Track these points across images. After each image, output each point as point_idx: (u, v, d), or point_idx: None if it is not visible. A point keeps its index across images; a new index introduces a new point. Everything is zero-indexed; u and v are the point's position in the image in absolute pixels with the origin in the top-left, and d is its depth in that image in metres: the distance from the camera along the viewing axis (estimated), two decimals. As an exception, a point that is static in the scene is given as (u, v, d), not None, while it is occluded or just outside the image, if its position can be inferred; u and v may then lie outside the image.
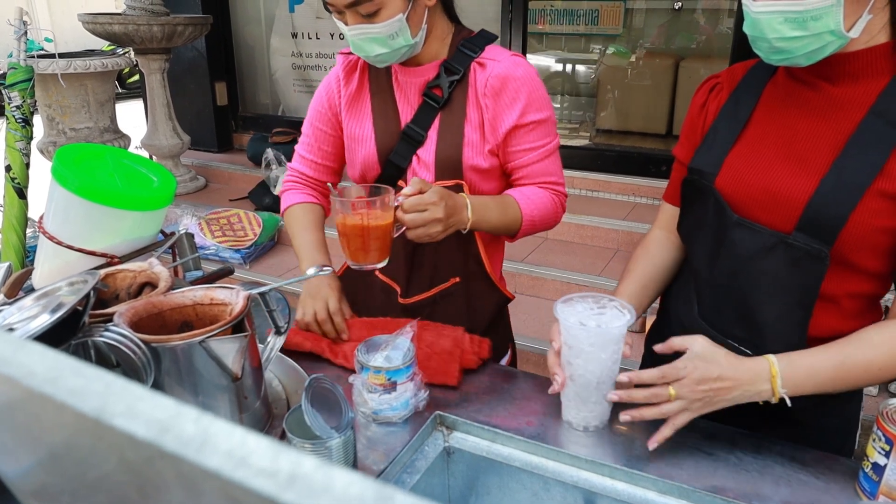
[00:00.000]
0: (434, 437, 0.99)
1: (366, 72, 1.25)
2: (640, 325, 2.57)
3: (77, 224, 1.08)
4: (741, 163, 0.98)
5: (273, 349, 0.99)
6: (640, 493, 0.88)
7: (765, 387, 0.87)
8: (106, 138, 3.84)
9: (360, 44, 1.12)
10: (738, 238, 0.95)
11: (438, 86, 1.19)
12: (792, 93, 0.96)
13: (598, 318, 0.95)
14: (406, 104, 1.22)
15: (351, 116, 1.26)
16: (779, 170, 0.93)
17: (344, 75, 1.26)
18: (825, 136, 0.91)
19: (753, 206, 0.95)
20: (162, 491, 0.27)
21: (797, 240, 0.89)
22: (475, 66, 1.19)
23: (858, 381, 0.89)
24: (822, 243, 0.88)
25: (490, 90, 1.16)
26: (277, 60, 4.78)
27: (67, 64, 3.56)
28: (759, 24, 0.85)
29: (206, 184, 4.35)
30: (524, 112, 1.16)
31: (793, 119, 0.95)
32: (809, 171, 0.90)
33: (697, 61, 4.55)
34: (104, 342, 0.77)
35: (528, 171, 1.21)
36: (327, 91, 1.29)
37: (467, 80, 1.19)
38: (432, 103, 1.19)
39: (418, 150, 1.20)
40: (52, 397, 0.27)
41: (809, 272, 0.90)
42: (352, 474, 0.23)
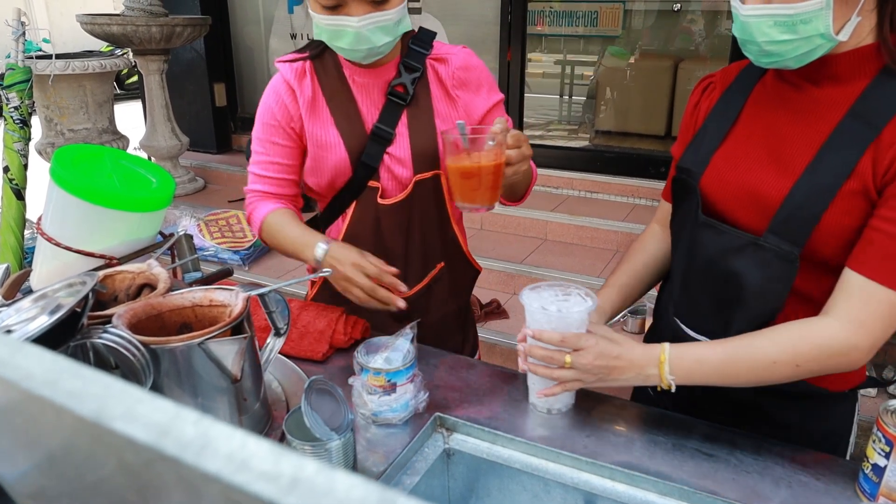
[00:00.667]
0: (434, 438, 0.99)
1: (315, 77, 1.23)
2: (639, 325, 2.57)
3: (75, 225, 1.08)
4: (724, 162, 0.99)
5: (272, 351, 0.99)
6: (641, 494, 0.87)
7: (653, 371, 0.91)
8: (104, 139, 3.83)
9: (367, 35, 1.10)
10: (705, 239, 0.98)
11: (401, 84, 1.21)
12: (778, 93, 0.96)
13: (561, 303, 0.98)
14: (369, 105, 1.23)
15: (313, 124, 1.23)
16: (759, 170, 0.94)
17: (297, 82, 1.22)
18: (805, 137, 0.91)
19: (734, 205, 0.96)
20: (162, 494, 0.27)
21: (767, 241, 0.90)
22: (431, 62, 1.24)
23: (750, 375, 0.89)
24: (792, 245, 0.88)
25: (458, 81, 1.24)
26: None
27: (66, 65, 3.56)
28: (749, 28, 0.86)
29: (204, 185, 4.35)
30: (489, 94, 1.26)
31: (776, 119, 0.95)
32: (787, 173, 0.91)
33: (696, 63, 4.56)
34: (103, 344, 0.76)
35: None
36: (277, 102, 1.23)
37: (426, 76, 1.24)
38: (398, 101, 1.21)
39: (388, 148, 1.21)
40: (51, 400, 0.27)
41: (779, 273, 0.90)
42: (354, 478, 0.22)
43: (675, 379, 0.90)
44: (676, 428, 0.98)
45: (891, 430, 0.80)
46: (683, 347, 0.92)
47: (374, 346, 1.01)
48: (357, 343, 1.21)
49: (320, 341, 1.17)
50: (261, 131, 1.27)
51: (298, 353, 1.15)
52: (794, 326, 0.89)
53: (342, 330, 1.19)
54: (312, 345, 1.16)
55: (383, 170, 1.22)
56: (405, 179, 1.23)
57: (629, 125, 4.71)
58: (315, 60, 1.24)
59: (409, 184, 1.22)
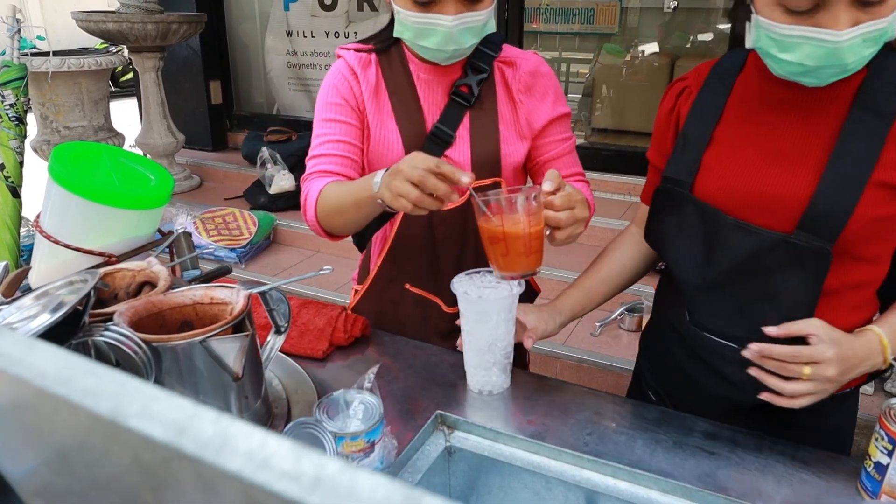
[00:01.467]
0: (435, 436, 0.98)
1: (379, 68, 1.19)
2: (636, 323, 2.57)
3: (74, 223, 1.07)
4: (721, 166, 0.97)
5: (273, 349, 0.99)
6: (643, 492, 0.87)
7: (878, 359, 0.90)
8: (100, 136, 3.81)
9: (457, 36, 1.06)
10: (734, 240, 0.94)
11: (466, 84, 1.17)
12: (767, 92, 0.95)
13: (486, 290, 1.00)
14: (431, 103, 1.18)
15: (374, 114, 1.18)
16: (768, 171, 0.93)
17: (361, 69, 1.18)
18: (810, 133, 0.91)
19: (744, 209, 0.94)
20: (177, 493, 0.27)
21: (799, 238, 0.89)
22: (499, 64, 1.20)
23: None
24: (824, 240, 0.88)
25: (524, 86, 1.19)
26: (272, 59, 4.76)
27: (61, 62, 3.53)
28: (841, 53, 0.79)
29: (200, 183, 4.33)
30: (555, 105, 1.21)
31: (772, 118, 0.94)
32: (802, 170, 0.91)
33: (693, 60, 4.55)
34: (104, 342, 0.76)
35: (560, 164, 1.23)
36: (341, 82, 1.18)
37: (493, 78, 1.19)
38: (462, 102, 1.17)
39: (447, 151, 1.17)
40: (66, 398, 0.27)
41: (812, 269, 0.90)
42: (378, 476, 0.22)
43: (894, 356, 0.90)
44: (678, 426, 0.98)
45: (894, 427, 0.80)
46: (888, 323, 0.92)
47: (332, 405, 0.88)
48: (357, 341, 1.21)
49: (321, 339, 1.16)
50: (324, 111, 1.18)
51: (299, 351, 1.15)
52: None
53: (342, 328, 1.19)
54: (313, 343, 1.16)
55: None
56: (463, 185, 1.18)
57: (625, 123, 4.71)
58: (380, 54, 1.20)
59: (466, 191, 1.16)
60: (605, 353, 2.44)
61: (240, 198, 3.93)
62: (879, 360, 0.90)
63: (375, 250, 1.31)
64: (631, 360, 2.40)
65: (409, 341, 1.23)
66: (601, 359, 2.39)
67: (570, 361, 2.42)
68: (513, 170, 1.21)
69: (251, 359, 0.88)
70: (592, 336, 2.55)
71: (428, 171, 0.89)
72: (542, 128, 1.20)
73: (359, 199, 1.04)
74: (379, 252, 1.28)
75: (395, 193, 0.92)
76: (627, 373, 2.33)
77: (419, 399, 1.04)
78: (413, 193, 0.90)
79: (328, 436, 0.82)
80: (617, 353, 2.44)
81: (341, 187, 1.10)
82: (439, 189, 0.90)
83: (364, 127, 1.20)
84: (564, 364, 2.43)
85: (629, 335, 2.56)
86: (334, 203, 1.10)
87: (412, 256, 1.24)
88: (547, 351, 2.44)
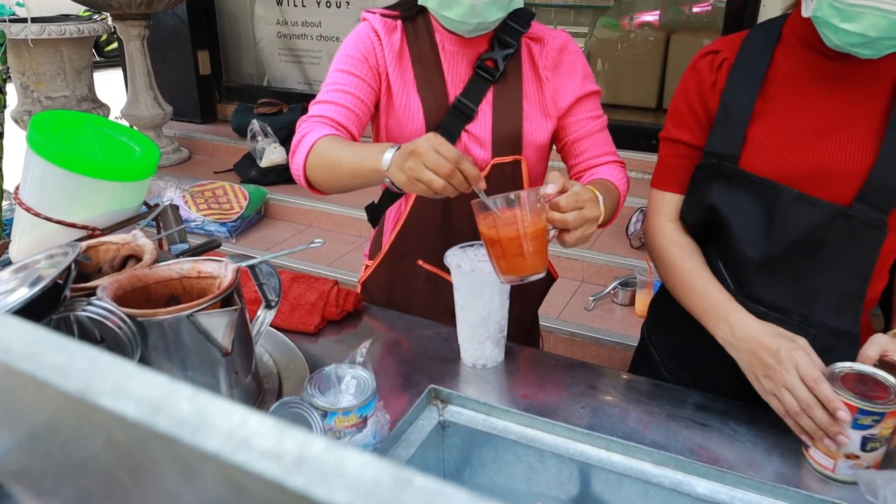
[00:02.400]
0: (429, 410, 0.98)
1: (404, 35, 1.16)
2: (629, 297, 2.58)
3: (55, 195, 1.04)
4: (771, 139, 0.95)
5: (263, 323, 0.97)
6: (636, 464, 0.87)
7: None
8: (84, 107, 3.73)
9: (481, 9, 1.03)
10: (796, 213, 0.93)
11: (491, 58, 1.14)
12: (812, 64, 0.95)
13: (480, 263, 0.98)
14: (454, 76, 1.15)
15: (396, 80, 1.14)
16: (824, 143, 0.93)
17: (385, 33, 1.14)
18: (862, 106, 0.92)
19: (801, 182, 0.93)
20: (154, 474, 0.25)
21: (857, 210, 0.91)
22: (527, 40, 1.17)
23: None
24: (881, 212, 0.90)
25: (551, 63, 1.16)
26: (262, 28, 4.66)
27: (41, 29, 3.44)
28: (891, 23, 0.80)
29: (189, 156, 4.27)
30: (583, 83, 1.17)
31: (821, 90, 0.94)
32: (857, 143, 0.91)
33: (689, 34, 4.50)
34: (87, 317, 0.74)
35: (589, 143, 1.18)
36: (363, 41, 1.14)
37: (520, 54, 1.16)
38: (486, 76, 1.14)
39: (467, 125, 1.14)
40: (32, 375, 0.25)
41: (867, 241, 0.91)
42: (365, 455, 0.21)
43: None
44: (671, 398, 0.98)
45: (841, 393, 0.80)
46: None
47: (324, 380, 0.86)
48: (349, 316, 1.20)
49: (312, 314, 1.15)
50: (339, 63, 1.14)
51: (290, 326, 1.13)
52: None
53: (334, 302, 1.17)
54: (304, 317, 1.14)
55: (459, 148, 1.13)
56: (482, 162, 1.15)
57: (620, 97, 4.66)
58: (406, 21, 1.17)
59: (487, 167, 1.14)
60: (598, 326, 2.44)
61: (230, 171, 3.88)
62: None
63: (389, 225, 1.29)
64: (624, 333, 2.41)
65: (403, 315, 1.22)
66: (595, 333, 2.40)
67: (563, 335, 2.43)
68: (535, 149, 1.18)
69: (240, 334, 0.87)
70: (586, 310, 2.55)
71: (456, 164, 0.86)
72: (569, 106, 1.17)
73: (359, 168, 0.99)
74: (392, 227, 1.26)
75: (413, 178, 0.88)
76: (621, 347, 2.34)
77: (412, 373, 1.03)
78: (438, 183, 0.87)
79: (315, 415, 0.80)
80: (610, 327, 2.44)
81: (342, 148, 1.04)
82: (462, 185, 0.88)
83: (380, 89, 1.16)
84: (558, 338, 2.44)
85: (622, 309, 2.56)
86: (329, 161, 1.04)
87: (426, 233, 1.21)
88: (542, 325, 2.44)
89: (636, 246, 2.85)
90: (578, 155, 1.20)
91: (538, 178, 1.24)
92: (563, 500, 0.92)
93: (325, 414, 0.82)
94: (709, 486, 0.84)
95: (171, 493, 0.25)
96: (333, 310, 1.17)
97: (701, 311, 0.99)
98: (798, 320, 0.97)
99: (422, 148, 0.87)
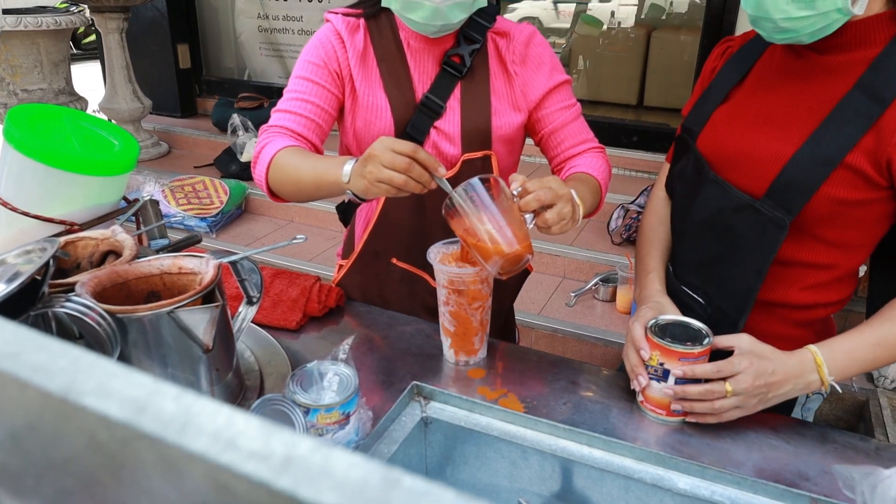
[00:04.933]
0: (411, 407, 0.98)
1: (368, 35, 1.15)
2: (610, 293, 2.60)
3: (33, 190, 1.03)
4: (722, 123, 1.00)
5: (245, 320, 0.96)
6: (617, 460, 0.88)
7: (813, 377, 0.88)
8: (61, 100, 3.67)
9: (445, 11, 1.03)
10: (710, 194, 0.99)
11: (457, 54, 1.14)
12: (784, 60, 0.97)
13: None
14: (421, 73, 1.15)
15: (361, 81, 1.14)
16: (755, 133, 0.95)
17: (348, 34, 1.14)
18: (808, 105, 0.92)
19: (727, 166, 0.98)
20: (138, 475, 0.25)
21: (764, 205, 0.92)
22: (493, 35, 1.17)
23: (892, 359, 0.91)
24: (785, 212, 0.90)
25: (518, 57, 1.16)
26: (243, 22, 4.60)
27: (17, 21, 3.37)
28: (765, 5, 0.85)
29: (168, 150, 4.21)
30: (551, 74, 1.17)
31: (779, 85, 0.96)
32: (786, 138, 0.92)
33: (669, 32, 4.55)
34: (66, 313, 0.73)
35: (566, 133, 1.19)
36: (325, 45, 1.14)
37: (486, 49, 1.16)
38: (453, 72, 1.14)
39: (436, 122, 1.14)
40: (12, 374, 0.24)
41: (768, 238, 0.92)
42: (353, 456, 0.21)
43: (833, 378, 0.88)
44: (652, 395, 0.99)
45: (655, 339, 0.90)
46: (829, 344, 0.89)
47: (306, 377, 0.86)
48: (331, 312, 1.19)
49: (294, 310, 1.14)
50: (300, 70, 1.15)
51: (272, 322, 1.12)
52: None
53: (316, 298, 1.17)
54: (286, 314, 1.14)
55: (429, 145, 1.15)
56: (452, 158, 1.15)
57: (601, 94, 4.70)
58: (369, 19, 1.16)
59: (457, 163, 1.15)
60: (579, 322, 2.46)
61: (210, 166, 3.84)
62: (814, 379, 0.88)
63: (360, 225, 1.29)
64: (605, 329, 2.43)
65: (385, 312, 1.22)
66: (576, 329, 2.41)
67: (544, 332, 2.44)
68: (504, 143, 1.18)
69: (222, 330, 0.86)
70: (567, 306, 2.57)
71: (412, 158, 0.88)
72: (540, 99, 1.17)
73: (320, 181, 1.01)
74: (364, 227, 1.26)
75: (374, 180, 0.89)
76: (602, 343, 2.36)
77: (395, 370, 1.03)
78: (398, 178, 0.88)
79: (297, 412, 0.80)
80: (592, 323, 2.46)
81: (303, 160, 1.05)
82: (423, 176, 0.89)
83: (344, 94, 1.16)
84: (540, 334, 2.45)
85: (604, 305, 2.58)
86: (291, 174, 1.06)
87: (399, 231, 1.21)
88: (522, 321, 2.46)
89: (617, 242, 2.87)
90: (557, 146, 1.21)
91: (508, 173, 1.24)
92: (546, 496, 0.93)
93: (307, 411, 0.82)
94: (689, 482, 0.85)
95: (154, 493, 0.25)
96: (315, 306, 1.16)
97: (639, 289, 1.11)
98: (702, 297, 1.03)
99: (376, 150, 0.89)
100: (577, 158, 1.19)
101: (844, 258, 0.96)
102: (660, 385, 0.90)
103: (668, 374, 0.90)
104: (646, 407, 0.94)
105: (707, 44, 3.21)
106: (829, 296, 0.99)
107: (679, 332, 0.92)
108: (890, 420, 1.99)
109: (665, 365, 0.89)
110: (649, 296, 1.04)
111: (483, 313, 1.01)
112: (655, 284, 1.06)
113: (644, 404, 0.94)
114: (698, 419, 0.90)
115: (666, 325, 0.93)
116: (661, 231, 1.14)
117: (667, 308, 1.00)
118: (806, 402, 1.05)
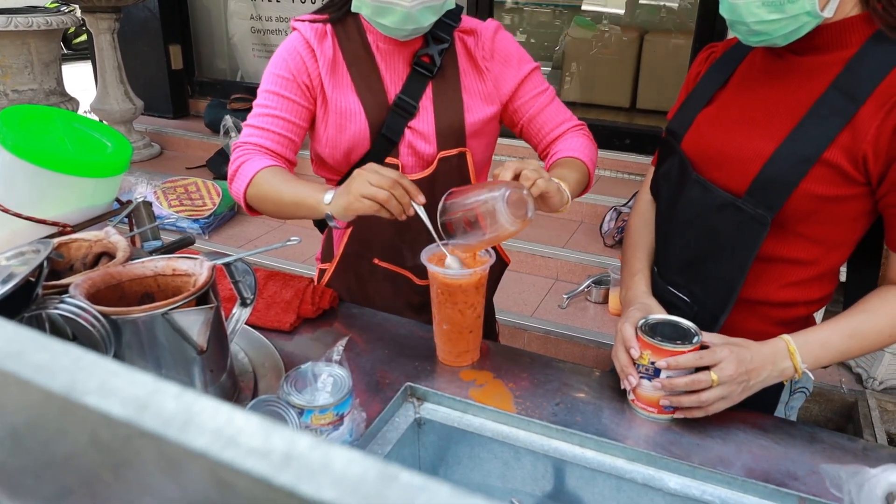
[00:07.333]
0: (405, 408, 0.98)
1: (336, 40, 1.16)
2: (602, 295, 2.61)
3: (24, 191, 1.02)
4: (706, 125, 1.03)
5: (239, 321, 0.96)
6: (609, 460, 0.89)
7: (786, 364, 0.90)
8: (52, 101, 3.65)
9: (416, 15, 1.05)
10: (693, 195, 1.01)
11: (427, 54, 1.16)
12: (765, 62, 0.99)
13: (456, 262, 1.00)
14: (392, 74, 1.17)
15: (333, 89, 1.15)
16: (737, 133, 0.97)
17: (317, 42, 1.14)
18: (787, 104, 0.94)
19: (710, 165, 1.00)
20: (139, 472, 0.25)
21: (745, 203, 0.94)
22: (459, 34, 1.19)
23: (871, 348, 0.94)
24: (766, 209, 0.92)
25: (488, 52, 1.19)
26: (235, 23, 4.59)
27: (7, 20, 3.35)
28: (738, 9, 0.88)
29: (160, 151, 4.19)
30: (519, 65, 1.20)
31: (760, 86, 0.98)
32: (765, 137, 0.94)
33: (662, 35, 4.57)
34: (60, 315, 0.73)
35: (544, 117, 1.21)
36: (293, 57, 1.15)
37: (454, 48, 1.18)
38: (424, 72, 1.15)
39: (410, 122, 1.16)
40: (15, 374, 0.25)
41: (750, 235, 0.94)
42: (352, 452, 0.21)
43: (807, 366, 0.90)
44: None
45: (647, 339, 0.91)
46: (803, 335, 0.92)
47: (300, 378, 0.86)
48: (325, 314, 1.20)
49: (287, 312, 1.14)
50: (269, 83, 1.15)
51: (265, 324, 1.13)
52: (887, 297, 0.93)
53: (310, 300, 1.17)
54: (280, 315, 1.14)
55: (404, 145, 1.16)
56: (428, 156, 1.17)
57: (594, 96, 4.71)
58: (336, 24, 1.17)
59: (433, 161, 1.16)
60: (572, 324, 2.47)
61: (202, 167, 3.83)
62: (787, 366, 0.90)
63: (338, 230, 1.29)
64: (598, 331, 2.44)
65: (378, 313, 1.22)
66: (568, 330, 2.42)
67: (537, 333, 2.45)
68: (479, 140, 1.21)
69: (216, 332, 0.86)
70: (560, 308, 2.58)
71: (397, 179, 0.94)
72: (513, 90, 1.20)
73: (300, 204, 1.05)
74: (343, 230, 1.26)
75: (359, 195, 0.94)
76: (594, 344, 2.37)
77: (388, 371, 1.04)
78: (382, 193, 0.93)
79: (291, 413, 0.80)
80: (584, 324, 2.47)
81: (283, 182, 1.08)
82: (404, 198, 0.95)
83: (315, 103, 1.17)
84: (532, 336, 2.46)
85: (596, 307, 2.60)
86: (271, 194, 1.09)
87: (379, 231, 1.22)
88: (515, 323, 2.47)
89: (610, 244, 2.89)
90: (538, 132, 1.23)
91: (484, 168, 1.28)
92: (538, 496, 0.94)
93: (301, 412, 0.82)
94: (680, 482, 0.86)
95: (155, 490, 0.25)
96: (309, 307, 1.16)
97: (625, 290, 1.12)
98: (687, 295, 1.04)
99: (364, 170, 0.96)
100: (558, 142, 1.22)
101: (824, 255, 0.97)
102: (651, 383, 0.92)
103: (659, 373, 0.91)
104: (637, 405, 0.95)
105: (699, 47, 3.23)
106: (809, 293, 1.01)
107: (669, 330, 0.93)
108: (878, 421, 2.02)
109: (656, 364, 0.90)
110: (635, 297, 1.06)
111: (476, 315, 1.02)
112: (641, 286, 1.08)
113: (635, 403, 0.95)
114: (686, 414, 0.91)
115: (655, 324, 0.95)
116: (646, 233, 1.16)
117: (653, 309, 1.01)
118: (789, 400, 1.06)
